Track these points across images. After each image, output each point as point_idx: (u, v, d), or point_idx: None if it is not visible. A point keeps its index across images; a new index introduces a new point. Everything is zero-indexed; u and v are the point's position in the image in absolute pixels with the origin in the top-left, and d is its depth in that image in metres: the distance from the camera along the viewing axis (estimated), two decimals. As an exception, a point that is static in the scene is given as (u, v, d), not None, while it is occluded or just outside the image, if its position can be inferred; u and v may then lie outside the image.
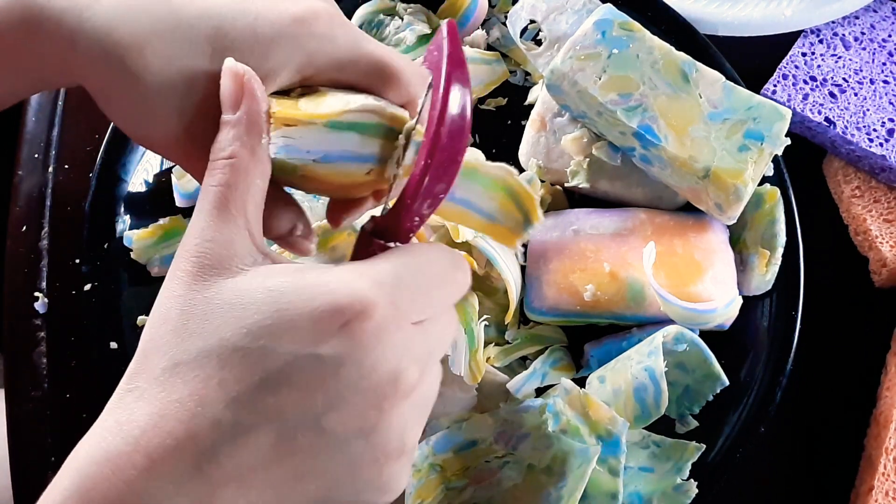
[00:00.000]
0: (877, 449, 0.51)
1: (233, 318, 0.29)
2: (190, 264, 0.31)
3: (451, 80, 0.32)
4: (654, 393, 0.47)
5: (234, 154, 0.32)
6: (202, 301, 0.30)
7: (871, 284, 0.57)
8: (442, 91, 0.32)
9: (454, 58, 0.33)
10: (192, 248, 0.31)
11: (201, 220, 0.32)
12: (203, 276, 0.30)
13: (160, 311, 0.31)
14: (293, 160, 0.34)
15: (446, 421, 0.49)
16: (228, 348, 0.29)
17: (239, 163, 0.32)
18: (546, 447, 0.47)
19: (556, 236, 0.52)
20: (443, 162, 0.32)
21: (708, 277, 0.50)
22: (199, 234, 0.31)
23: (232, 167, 0.32)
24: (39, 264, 0.57)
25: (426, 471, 0.47)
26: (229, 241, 0.31)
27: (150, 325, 0.31)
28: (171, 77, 0.34)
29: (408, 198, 0.32)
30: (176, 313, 0.30)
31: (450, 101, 0.32)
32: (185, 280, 0.30)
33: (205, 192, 0.32)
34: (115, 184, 0.55)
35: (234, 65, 0.33)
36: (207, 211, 0.32)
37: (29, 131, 0.60)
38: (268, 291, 0.29)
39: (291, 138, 0.34)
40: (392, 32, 0.60)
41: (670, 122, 0.50)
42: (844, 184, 0.59)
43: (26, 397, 0.54)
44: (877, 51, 0.60)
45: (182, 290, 0.30)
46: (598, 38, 0.52)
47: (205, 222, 0.31)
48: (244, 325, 0.29)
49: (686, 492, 0.48)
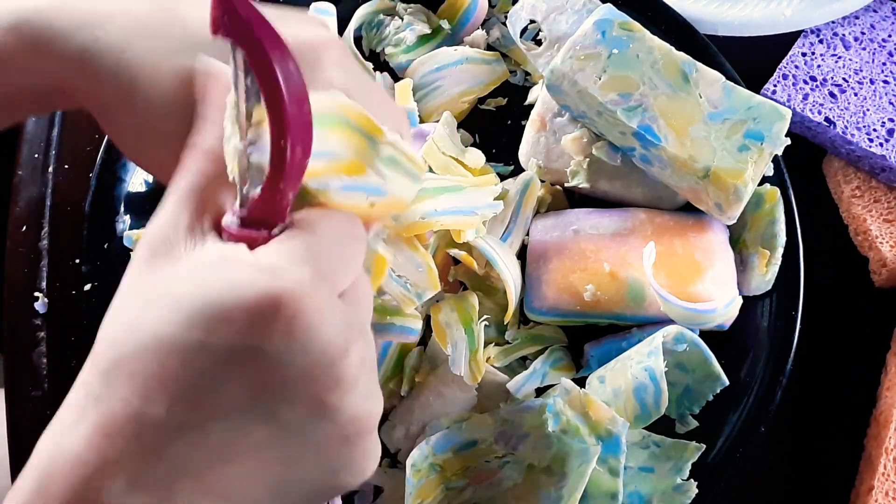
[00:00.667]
0: (877, 449, 0.51)
1: (167, 312, 0.28)
2: (142, 249, 0.30)
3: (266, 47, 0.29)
4: (654, 393, 0.47)
5: (212, 145, 0.32)
6: (143, 292, 0.29)
7: (871, 284, 0.57)
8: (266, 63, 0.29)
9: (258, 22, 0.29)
10: (147, 233, 0.30)
11: (167, 204, 0.31)
12: (151, 261, 0.30)
13: (115, 300, 0.30)
14: None
15: (446, 421, 0.49)
16: (166, 343, 0.28)
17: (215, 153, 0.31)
18: (546, 447, 0.47)
19: (556, 236, 0.53)
20: (299, 134, 0.30)
21: (708, 277, 0.50)
22: (159, 218, 0.31)
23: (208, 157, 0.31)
24: (39, 264, 0.57)
25: (426, 471, 0.47)
26: (180, 225, 0.30)
27: (107, 315, 0.30)
28: (182, 98, 0.33)
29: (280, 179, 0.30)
30: (124, 305, 0.30)
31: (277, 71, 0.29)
32: (135, 267, 0.30)
33: (176, 181, 0.31)
34: (115, 184, 0.55)
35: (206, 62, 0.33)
36: (176, 197, 0.31)
37: (29, 131, 0.60)
38: (197, 283, 0.28)
39: None
40: (392, 32, 0.60)
41: (670, 122, 0.50)
42: (844, 184, 0.59)
43: (26, 397, 0.54)
44: (877, 51, 0.60)
45: (131, 279, 0.30)
46: (598, 38, 0.52)
47: (168, 207, 0.31)
48: (177, 318, 0.28)
49: (686, 492, 0.48)
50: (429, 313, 0.51)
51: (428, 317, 0.51)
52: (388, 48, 0.60)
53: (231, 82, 0.31)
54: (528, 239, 0.54)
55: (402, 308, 0.49)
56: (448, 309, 0.50)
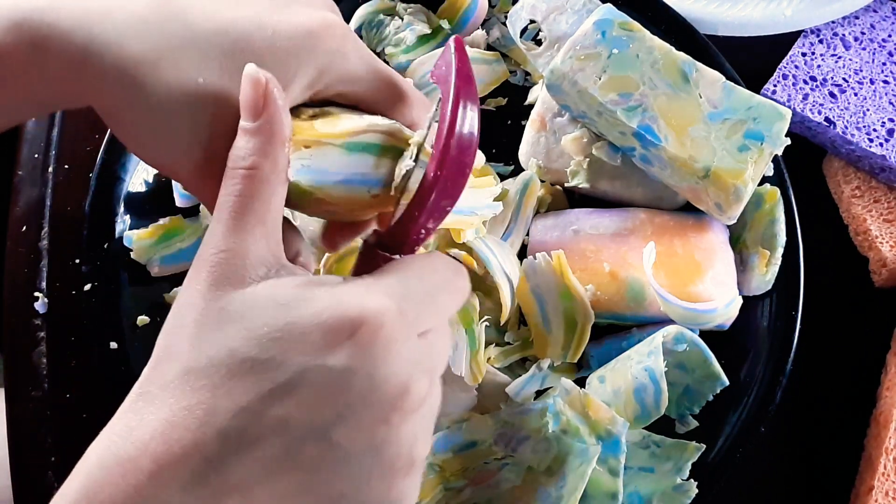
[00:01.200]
0: (877, 449, 0.51)
1: (243, 329, 0.29)
2: (205, 274, 0.31)
3: (459, 96, 0.32)
4: (654, 393, 0.47)
5: (254, 165, 0.32)
6: (215, 311, 0.30)
7: (871, 284, 0.57)
8: (451, 106, 0.32)
9: (463, 74, 0.33)
10: (208, 258, 0.31)
11: (218, 229, 0.31)
12: (217, 286, 0.30)
13: (175, 319, 0.31)
14: (310, 183, 0.34)
15: (446, 421, 0.49)
16: (238, 358, 0.29)
17: (259, 173, 0.32)
18: (546, 450, 0.47)
19: (556, 236, 0.53)
20: (451, 175, 0.32)
21: (708, 277, 0.50)
22: (215, 244, 0.31)
23: (251, 177, 0.31)
24: (39, 264, 0.57)
25: (425, 470, 0.47)
26: (244, 252, 0.31)
27: (164, 332, 0.31)
28: (186, 93, 0.33)
29: (416, 211, 0.33)
30: (190, 322, 0.30)
31: (458, 116, 0.32)
32: (199, 290, 0.30)
33: (223, 201, 0.32)
34: (115, 184, 0.55)
35: (255, 71, 0.32)
36: (224, 221, 0.31)
37: (29, 131, 0.60)
38: (277, 304, 0.29)
39: (310, 160, 0.34)
40: (392, 32, 0.60)
41: (670, 122, 0.50)
42: (844, 184, 0.59)
43: (26, 397, 0.54)
44: (877, 51, 0.60)
45: (196, 300, 0.30)
46: (598, 38, 0.52)
47: (221, 233, 0.31)
48: (254, 336, 0.29)
49: (686, 492, 0.48)
50: (429, 313, 0.51)
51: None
52: (388, 48, 0.60)
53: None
54: (528, 239, 0.54)
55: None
56: (448, 309, 0.50)
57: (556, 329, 0.50)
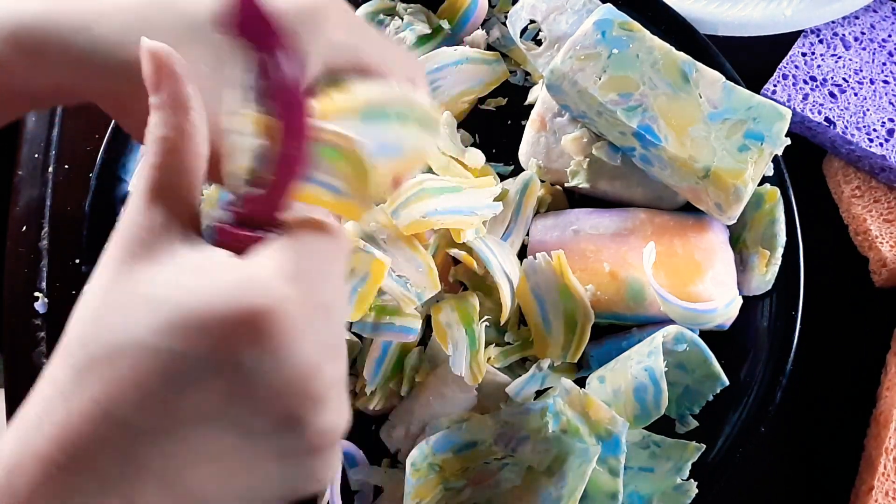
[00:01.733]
0: (877, 449, 0.51)
1: (145, 314, 0.28)
2: (117, 250, 0.30)
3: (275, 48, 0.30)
4: (654, 393, 0.47)
5: (164, 136, 0.31)
6: (121, 292, 0.29)
7: (871, 284, 0.57)
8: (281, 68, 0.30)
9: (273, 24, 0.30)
10: (120, 233, 0.30)
11: (133, 203, 0.31)
12: (128, 262, 0.29)
13: (86, 297, 0.30)
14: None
15: (446, 421, 0.49)
16: (140, 346, 0.28)
17: (167, 144, 0.31)
18: (546, 450, 0.47)
19: (556, 236, 0.53)
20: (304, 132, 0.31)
21: (708, 277, 0.50)
22: (128, 217, 0.30)
23: (162, 149, 0.31)
24: (39, 264, 0.57)
25: (425, 470, 0.47)
26: (155, 225, 0.30)
27: (76, 311, 0.30)
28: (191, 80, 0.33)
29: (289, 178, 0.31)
30: (97, 303, 0.29)
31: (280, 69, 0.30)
32: (110, 266, 0.30)
33: (139, 176, 0.31)
34: (115, 184, 0.55)
35: (151, 44, 0.31)
36: (139, 194, 0.31)
37: (29, 131, 0.60)
38: (179, 289, 0.28)
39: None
40: (392, 32, 0.60)
41: (670, 122, 0.50)
42: (844, 184, 0.59)
43: (26, 397, 0.54)
44: (877, 51, 0.60)
45: (106, 278, 0.30)
46: (598, 38, 0.52)
47: (135, 206, 0.30)
48: (155, 323, 0.28)
49: (686, 492, 0.48)
50: (429, 313, 0.51)
51: (428, 317, 0.51)
52: (388, 48, 0.60)
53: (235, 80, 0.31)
54: (528, 239, 0.54)
55: (401, 308, 0.49)
56: (449, 309, 0.50)
57: (556, 329, 0.50)
